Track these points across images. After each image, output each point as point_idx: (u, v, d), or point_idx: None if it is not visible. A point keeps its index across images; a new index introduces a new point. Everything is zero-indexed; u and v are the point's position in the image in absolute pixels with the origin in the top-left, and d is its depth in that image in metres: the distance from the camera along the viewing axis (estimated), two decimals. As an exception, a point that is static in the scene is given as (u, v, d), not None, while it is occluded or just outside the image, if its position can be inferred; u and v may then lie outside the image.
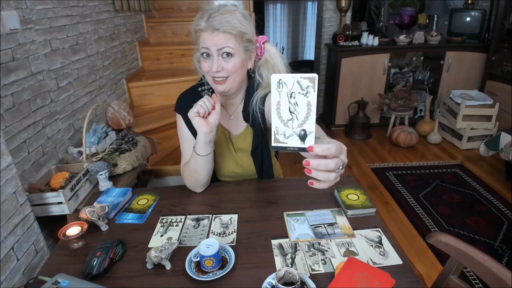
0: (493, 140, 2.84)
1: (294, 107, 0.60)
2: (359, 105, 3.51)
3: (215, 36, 0.95)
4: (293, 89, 0.60)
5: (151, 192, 1.18)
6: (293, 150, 0.63)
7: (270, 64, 1.09)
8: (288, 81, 0.59)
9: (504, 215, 2.28)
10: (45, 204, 1.30)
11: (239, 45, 0.98)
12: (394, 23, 3.83)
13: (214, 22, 0.94)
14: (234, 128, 1.18)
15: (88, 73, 1.99)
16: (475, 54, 3.48)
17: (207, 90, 1.14)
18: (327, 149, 0.61)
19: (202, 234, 0.96)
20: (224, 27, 0.94)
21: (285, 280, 0.74)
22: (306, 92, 0.59)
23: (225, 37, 0.95)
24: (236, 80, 1.04)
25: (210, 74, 1.01)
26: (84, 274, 0.81)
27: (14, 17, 1.35)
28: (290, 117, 0.61)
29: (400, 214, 2.35)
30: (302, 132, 0.61)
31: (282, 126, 0.62)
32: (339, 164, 0.63)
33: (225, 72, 1.00)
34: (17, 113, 1.34)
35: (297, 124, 0.61)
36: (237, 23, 0.95)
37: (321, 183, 0.65)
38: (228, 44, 0.96)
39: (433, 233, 0.91)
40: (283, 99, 0.61)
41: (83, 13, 1.94)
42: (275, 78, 0.60)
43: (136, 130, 2.21)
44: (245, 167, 1.20)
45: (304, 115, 0.60)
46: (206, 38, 0.96)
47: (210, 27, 0.94)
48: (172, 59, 2.93)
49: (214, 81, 1.03)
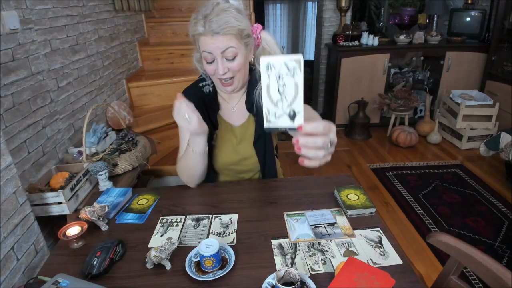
0: (493, 140, 2.85)
1: (283, 88, 0.63)
2: (359, 105, 3.51)
3: (216, 39, 0.94)
4: (281, 71, 0.62)
5: (151, 192, 1.18)
6: (284, 130, 0.66)
7: (267, 52, 1.09)
8: (276, 64, 0.62)
9: (504, 215, 2.28)
10: (45, 204, 1.30)
11: (240, 43, 0.98)
12: (394, 23, 3.83)
13: (213, 26, 0.93)
14: (236, 119, 1.19)
15: (88, 73, 1.99)
16: (475, 54, 3.48)
17: (208, 86, 1.16)
18: (315, 127, 0.63)
19: (202, 234, 0.96)
20: (224, 29, 0.93)
21: (285, 280, 0.74)
22: (293, 73, 0.62)
23: (226, 38, 0.95)
24: (242, 77, 1.06)
25: (216, 76, 1.03)
26: (84, 274, 0.81)
27: (14, 17, 1.35)
28: (280, 98, 0.64)
29: (400, 214, 2.35)
30: (292, 112, 0.63)
31: (273, 107, 0.64)
32: (327, 141, 0.64)
33: (231, 72, 1.02)
34: (17, 113, 1.34)
35: (286, 104, 0.63)
36: (235, 22, 0.95)
37: (311, 161, 0.66)
38: (231, 45, 0.96)
39: (433, 233, 0.91)
40: (272, 81, 0.63)
41: (83, 13, 1.94)
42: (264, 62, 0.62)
43: (136, 130, 2.21)
44: (246, 157, 1.19)
45: (293, 95, 0.63)
46: (207, 42, 0.96)
47: (209, 31, 0.93)
48: (172, 59, 2.93)
49: (222, 83, 1.05)
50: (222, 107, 1.19)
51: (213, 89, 1.17)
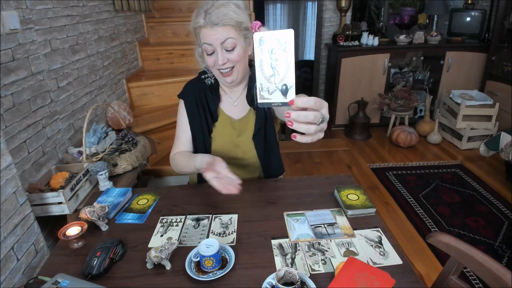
0: (493, 140, 2.84)
1: (275, 62, 0.64)
2: (359, 105, 3.51)
3: (216, 31, 0.99)
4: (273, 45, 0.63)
5: (151, 192, 1.18)
6: (277, 105, 0.67)
7: None
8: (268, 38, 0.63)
9: (504, 215, 2.28)
10: (45, 204, 1.30)
11: (238, 34, 1.02)
12: (394, 23, 3.83)
13: (212, 18, 0.98)
14: (237, 113, 1.22)
15: (88, 73, 1.99)
16: (475, 54, 3.48)
17: (210, 78, 1.19)
18: (306, 101, 0.65)
19: (202, 234, 0.96)
20: (222, 20, 0.98)
21: (285, 280, 0.74)
22: (284, 48, 0.63)
23: (225, 29, 0.99)
24: (241, 68, 1.09)
25: (216, 67, 1.06)
26: (84, 274, 0.81)
27: (14, 17, 1.35)
28: (272, 73, 0.65)
29: (400, 214, 2.35)
30: (284, 87, 0.65)
31: (266, 82, 0.66)
32: (318, 116, 0.66)
33: (230, 62, 1.05)
34: (17, 113, 1.34)
35: (279, 79, 0.64)
36: (233, 14, 0.99)
37: (303, 137, 0.67)
38: (229, 35, 1.00)
39: (433, 233, 0.91)
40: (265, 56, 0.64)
41: (83, 13, 1.94)
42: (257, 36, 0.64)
43: (136, 130, 2.21)
44: (245, 151, 1.21)
45: (285, 70, 0.64)
46: (207, 34, 1.00)
47: (209, 23, 0.98)
48: (172, 59, 2.93)
49: (221, 74, 1.08)
50: (223, 100, 1.22)
51: (215, 81, 1.20)
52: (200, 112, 1.19)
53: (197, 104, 1.19)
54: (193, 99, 1.19)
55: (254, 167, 1.25)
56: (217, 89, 1.20)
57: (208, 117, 1.19)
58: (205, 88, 1.20)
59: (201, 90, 1.20)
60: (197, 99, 1.19)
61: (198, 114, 1.19)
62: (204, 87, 1.20)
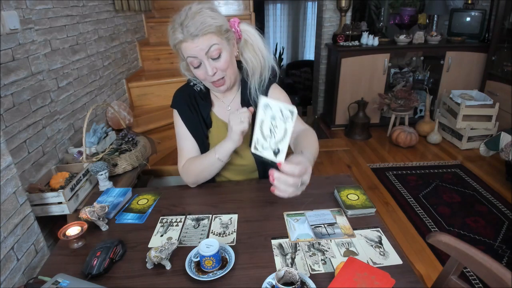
0: (493, 140, 2.85)
1: (274, 128, 0.72)
2: (359, 105, 3.51)
3: (197, 42, 0.95)
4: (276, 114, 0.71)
5: (151, 192, 1.18)
6: (266, 160, 0.76)
7: (249, 45, 1.08)
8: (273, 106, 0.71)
9: (504, 215, 2.28)
10: (45, 204, 1.30)
11: (221, 39, 0.98)
12: (394, 23, 3.83)
13: (191, 29, 0.93)
14: None
15: (88, 73, 1.99)
16: (475, 54, 3.48)
17: (199, 84, 1.16)
18: (292, 169, 0.74)
19: (202, 234, 0.96)
20: (202, 30, 0.94)
21: (285, 280, 0.74)
22: (285, 120, 0.71)
23: (207, 38, 0.95)
24: (232, 74, 1.06)
25: (207, 80, 1.03)
26: (84, 274, 0.81)
27: (14, 17, 1.35)
28: (270, 135, 0.74)
29: (400, 214, 2.35)
30: (277, 149, 0.74)
31: (262, 139, 0.75)
32: (297, 182, 0.75)
33: (220, 72, 1.01)
34: (17, 113, 1.34)
35: (274, 141, 0.73)
36: (211, 20, 0.95)
37: (280, 193, 0.78)
38: (212, 42, 0.96)
39: (433, 233, 0.91)
40: (266, 120, 0.73)
41: (83, 13, 1.94)
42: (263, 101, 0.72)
43: (136, 130, 2.21)
44: (245, 156, 1.19)
45: (281, 136, 0.72)
46: (188, 48, 0.96)
47: (188, 36, 0.94)
48: (172, 59, 2.93)
49: (214, 84, 1.04)
50: (216, 105, 1.19)
51: (205, 87, 1.17)
52: (194, 118, 1.16)
53: (191, 111, 1.15)
54: (186, 107, 1.16)
55: (251, 170, 1.24)
56: (207, 95, 1.17)
57: (202, 124, 1.16)
58: (195, 95, 1.16)
59: (191, 96, 1.16)
60: (190, 106, 1.16)
61: (194, 120, 1.16)
62: (194, 94, 1.16)
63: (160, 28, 3.08)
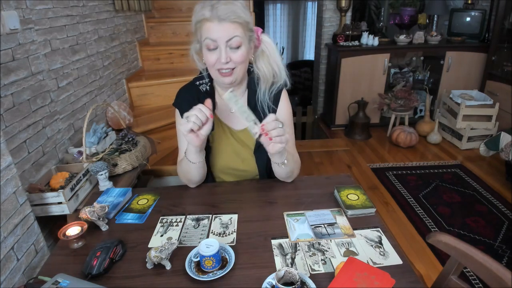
0: (493, 140, 2.85)
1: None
2: (359, 105, 3.51)
3: (223, 26, 0.93)
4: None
5: (151, 192, 1.18)
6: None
7: (266, 56, 1.08)
8: None
9: (504, 215, 2.28)
10: (45, 204, 1.30)
11: (245, 34, 0.97)
12: (394, 23, 3.83)
13: (220, 12, 0.92)
14: (236, 122, 1.16)
15: (88, 73, 1.99)
16: (475, 54, 3.48)
17: (205, 84, 1.14)
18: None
19: (202, 234, 0.96)
20: (231, 16, 0.93)
21: (285, 280, 0.74)
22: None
23: (233, 26, 0.94)
24: (241, 70, 1.03)
25: (216, 66, 0.99)
26: (84, 274, 0.81)
27: (14, 17, 1.35)
28: None
29: (400, 214, 2.35)
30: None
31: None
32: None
33: (233, 63, 0.99)
34: (17, 113, 1.34)
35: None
36: (241, 13, 0.95)
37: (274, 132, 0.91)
38: (237, 33, 0.95)
39: (433, 233, 0.91)
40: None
41: (83, 13, 1.94)
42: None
43: (136, 130, 2.21)
44: (246, 162, 1.18)
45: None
46: (212, 29, 0.94)
47: (216, 17, 0.92)
48: (172, 59, 2.93)
49: (220, 74, 1.01)
50: (219, 107, 1.17)
51: (210, 88, 1.14)
52: None
53: None
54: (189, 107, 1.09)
55: (253, 176, 1.23)
56: (212, 95, 1.15)
57: None
58: (199, 96, 1.12)
59: (195, 97, 1.12)
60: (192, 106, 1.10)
61: None
62: (199, 94, 1.13)
63: (160, 28, 3.08)
